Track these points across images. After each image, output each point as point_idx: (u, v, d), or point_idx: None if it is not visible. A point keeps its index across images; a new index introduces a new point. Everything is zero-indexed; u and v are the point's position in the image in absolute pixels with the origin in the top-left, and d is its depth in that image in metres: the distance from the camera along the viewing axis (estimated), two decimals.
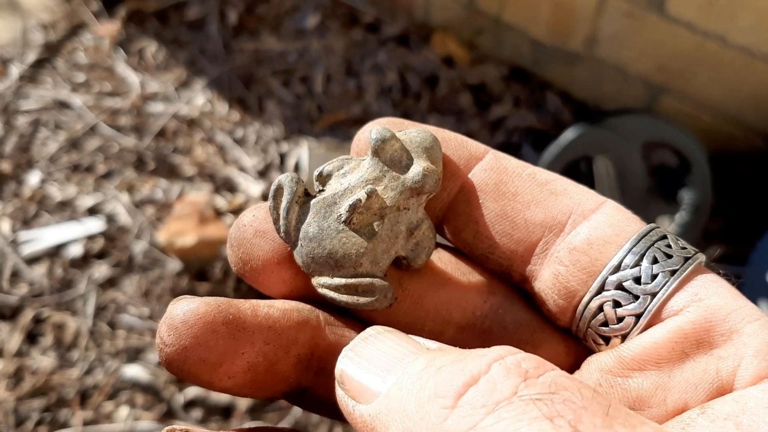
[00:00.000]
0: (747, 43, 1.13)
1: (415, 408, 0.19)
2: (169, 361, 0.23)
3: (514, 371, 0.18)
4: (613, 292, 0.25)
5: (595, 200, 0.26)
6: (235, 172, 1.27)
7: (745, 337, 0.23)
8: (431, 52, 1.45)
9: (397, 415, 0.19)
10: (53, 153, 1.29)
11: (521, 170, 0.26)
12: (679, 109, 1.28)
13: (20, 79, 1.41)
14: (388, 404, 0.20)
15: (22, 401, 1.01)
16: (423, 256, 0.26)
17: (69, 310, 1.10)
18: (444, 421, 0.18)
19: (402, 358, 0.21)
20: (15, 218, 1.20)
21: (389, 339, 0.22)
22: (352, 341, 0.22)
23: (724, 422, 0.21)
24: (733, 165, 1.27)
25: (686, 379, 0.23)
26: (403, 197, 0.26)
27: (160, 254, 1.15)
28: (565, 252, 0.26)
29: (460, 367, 0.19)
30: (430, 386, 0.19)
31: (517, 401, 0.17)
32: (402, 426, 0.19)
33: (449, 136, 0.27)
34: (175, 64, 1.45)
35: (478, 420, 0.17)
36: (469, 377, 0.18)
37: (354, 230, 0.26)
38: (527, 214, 0.26)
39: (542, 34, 1.35)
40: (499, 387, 0.18)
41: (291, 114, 1.37)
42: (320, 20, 1.50)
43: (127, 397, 1.02)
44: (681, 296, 0.24)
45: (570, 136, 1.17)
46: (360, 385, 0.21)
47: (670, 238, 0.25)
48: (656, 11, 1.18)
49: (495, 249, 0.27)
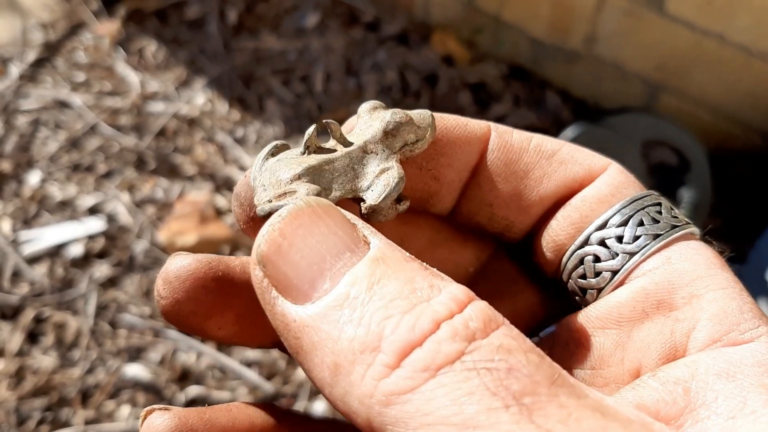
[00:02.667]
0: (745, 42, 1.14)
1: (351, 348, 0.18)
2: (164, 312, 0.24)
3: (461, 333, 0.17)
4: (595, 247, 0.25)
5: (601, 163, 0.27)
6: (235, 171, 1.27)
7: (704, 302, 0.22)
8: (431, 50, 1.45)
9: (328, 343, 0.18)
10: (53, 152, 1.30)
11: (527, 144, 0.26)
12: (678, 108, 1.29)
13: (20, 78, 1.41)
14: (318, 322, 0.18)
15: (23, 401, 1.01)
16: (376, 195, 0.24)
17: (70, 309, 1.10)
18: (383, 378, 0.17)
19: (338, 256, 0.19)
20: (15, 218, 1.20)
21: (324, 222, 0.20)
22: (281, 214, 0.20)
23: (674, 386, 0.21)
24: (732, 163, 1.27)
25: (641, 339, 0.23)
26: (370, 140, 0.25)
27: (160, 254, 1.15)
28: (560, 210, 0.26)
29: (409, 322, 0.17)
30: (373, 331, 0.17)
31: (460, 367, 0.17)
32: (332, 359, 0.18)
33: (449, 119, 0.27)
34: (175, 63, 1.45)
35: (418, 383, 0.17)
36: (417, 337, 0.17)
37: None
38: (540, 190, 0.26)
39: (542, 32, 1.35)
40: (443, 349, 0.17)
41: (291, 113, 1.37)
42: (320, 19, 1.50)
43: (128, 396, 1.02)
44: (654, 259, 0.24)
45: (569, 135, 1.17)
46: (286, 278, 0.19)
47: (664, 205, 0.26)
48: (655, 10, 1.18)
49: (511, 228, 0.27)
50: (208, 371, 1.05)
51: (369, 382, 0.17)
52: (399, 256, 0.19)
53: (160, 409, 0.24)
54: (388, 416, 0.17)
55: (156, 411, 0.24)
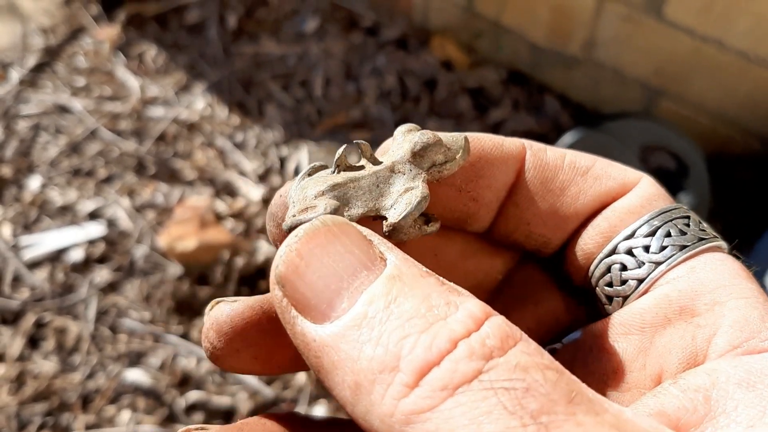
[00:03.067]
0: (744, 48, 1.14)
1: (370, 368, 0.18)
2: (221, 363, 0.24)
3: (478, 351, 0.17)
4: (622, 256, 0.26)
5: (634, 176, 0.27)
6: (235, 176, 1.28)
7: (726, 309, 0.23)
8: (430, 55, 1.46)
9: (347, 363, 0.18)
10: (54, 157, 1.30)
11: (561, 161, 0.27)
12: (677, 113, 1.29)
13: (20, 83, 1.41)
14: (337, 342, 0.18)
15: (24, 405, 1.01)
16: (397, 213, 0.24)
17: (70, 314, 1.10)
18: (403, 398, 0.17)
19: (355, 275, 0.19)
20: (16, 223, 1.20)
21: (340, 241, 0.20)
22: (298, 234, 0.20)
23: (694, 393, 0.21)
24: (730, 168, 1.27)
25: (663, 344, 0.24)
26: (399, 160, 0.25)
27: (160, 258, 1.15)
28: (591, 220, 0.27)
29: (426, 342, 0.18)
30: (391, 351, 0.18)
31: (477, 386, 0.17)
32: (352, 378, 0.18)
33: (485, 139, 0.27)
34: (175, 68, 1.45)
35: (437, 403, 0.17)
36: (436, 355, 0.17)
37: None
38: (577, 206, 0.27)
39: (541, 37, 1.36)
40: (460, 368, 0.17)
41: (291, 118, 1.37)
42: (319, 24, 1.51)
43: (128, 401, 1.03)
44: (680, 268, 0.24)
45: (568, 140, 1.17)
46: (304, 297, 0.19)
47: (693, 218, 0.26)
48: (654, 15, 1.19)
49: (548, 245, 0.28)
50: (208, 376, 1.05)
51: (389, 402, 0.17)
52: (415, 272, 0.20)
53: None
54: None
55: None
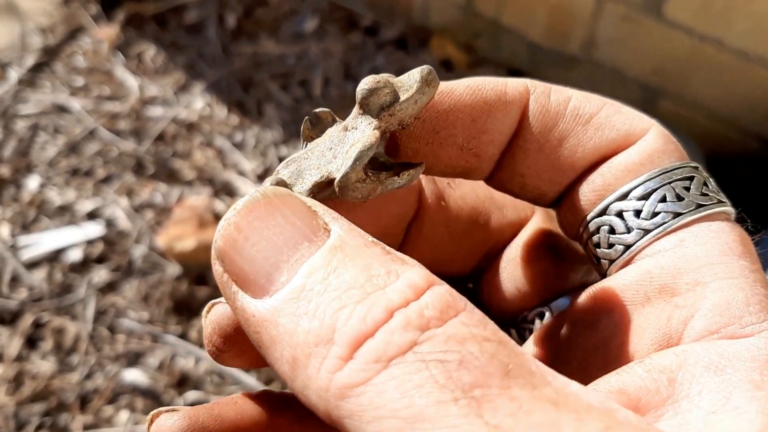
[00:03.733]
0: (743, 47, 1.14)
1: (306, 341, 0.17)
2: (228, 362, 0.24)
3: (414, 322, 0.17)
4: (612, 218, 0.24)
5: (641, 127, 0.25)
6: (234, 176, 1.28)
7: (708, 291, 0.21)
8: (429, 55, 1.46)
9: (285, 337, 0.18)
10: (52, 157, 1.30)
11: (563, 108, 0.25)
12: (676, 112, 1.29)
13: (19, 83, 1.41)
14: (275, 316, 0.18)
15: (22, 406, 1.01)
16: (340, 168, 0.22)
17: (69, 314, 1.10)
18: (337, 371, 0.17)
19: (295, 247, 0.18)
20: (14, 223, 1.20)
21: (280, 213, 0.19)
22: (236, 207, 0.19)
23: (659, 374, 0.20)
24: (729, 167, 1.27)
25: (638, 323, 0.22)
26: (350, 116, 0.23)
27: (159, 258, 1.15)
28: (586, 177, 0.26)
29: (361, 312, 0.17)
30: (327, 324, 0.17)
31: (411, 358, 0.16)
32: (290, 353, 0.17)
33: (486, 86, 0.24)
34: (173, 67, 1.45)
35: (370, 375, 0.16)
36: (370, 326, 0.17)
37: None
38: (574, 159, 0.25)
39: (540, 37, 1.36)
40: (395, 339, 0.16)
41: (290, 117, 1.37)
42: (318, 24, 1.51)
43: (127, 401, 1.02)
44: (668, 240, 0.23)
45: None
46: (243, 272, 0.19)
47: (696, 181, 0.24)
48: (653, 15, 1.19)
49: (543, 197, 0.26)
50: (206, 376, 1.05)
51: (324, 375, 0.17)
52: (359, 242, 0.19)
53: (168, 411, 0.24)
54: (344, 409, 0.16)
55: (164, 413, 0.24)
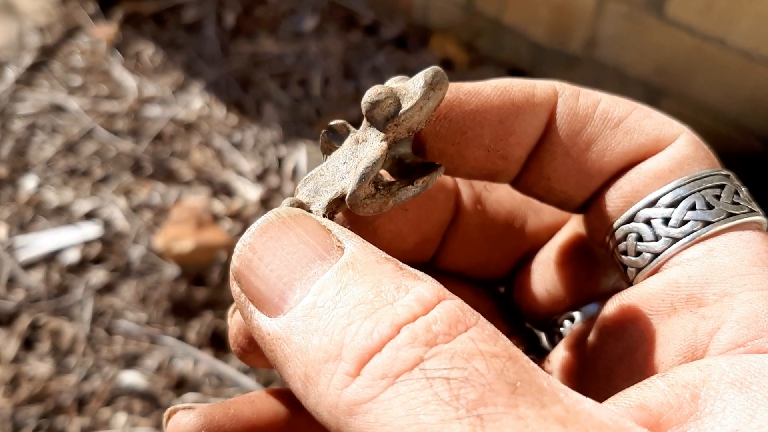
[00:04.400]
0: (746, 47, 1.13)
1: (316, 358, 0.17)
2: (253, 362, 0.25)
3: (421, 337, 0.16)
4: (640, 225, 0.24)
5: (671, 133, 0.24)
6: (233, 176, 1.27)
7: (736, 302, 0.20)
8: (430, 54, 1.45)
9: (298, 354, 0.18)
10: (50, 157, 1.29)
11: (592, 111, 0.24)
12: (678, 112, 1.28)
13: (16, 82, 1.40)
14: (289, 334, 0.18)
15: (19, 408, 1.00)
16: (349, 184, 0.21)
17: (66, 316, 1.09)
18: (345, 387, 0.16)
19: (308, 266, 0.19)
20: (11, 223, 1.19)
21: (294, 233, 0.19)
22: (251, 229, 0.20)
23: (682, 390, 0.19)
24: (731, 168, 1.26)
25: (663, 334, 0.22)
26: (362, 127, 0.22)
27: (157, 259, 1.14)
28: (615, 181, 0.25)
29: (368, 328, 0.17)
30: (335, 340, 0.17)
31: (417, 375, 0.16)
32: (302, 370, 0.18)
33: (514, 88, 0.24)
34: (172, 67, 1.44)
35: (377, 392, 0.16)
36: (377, 342, 0.17)
37: None
38: (602, 164, 0.24)
39: (541, 36, 1.35)
40: (401, 355, 0.16)
41: (289, 117, 1.36)
42: (318, 23, 1.50)
43: (124, 403, 1.02)
44: (697, 248, 0.22)
45: None
46: (258, 292, 0.19)
47: (727, 189, 0.23)
48: (655, 14, 1.18)
49: (569, 201, 0.26)
50: (204, 378, 1.04)
51: (333, 392, 0.17)
52: (371, 258, 0.19)
53: (184, 409, 0.24)
54: (353, 426, 0.16)
55: (180, 410, 0.24)
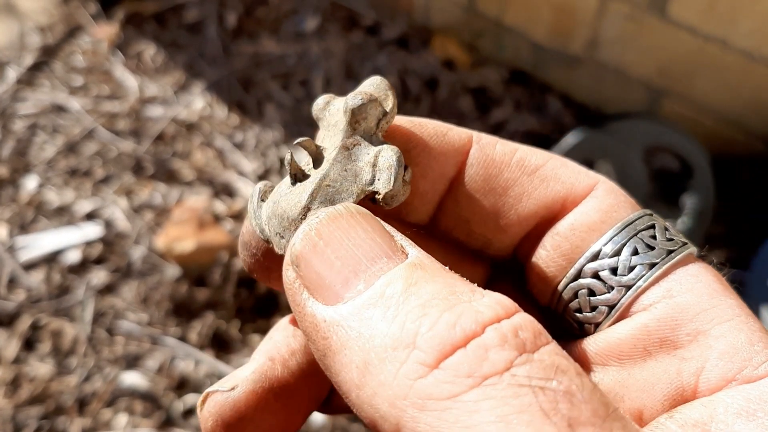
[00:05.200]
0: (748, 47, 1.13)
1: (383, 345, 0.17)
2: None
3: (510, 341, 0.16)
4: (589, 280, 0.24)
5: (587, 182, 0.25)
6: (234, 176, 1.26)
7: (711, 339, 0.21)
8: (431, 55, 1.45)
9: (357, 342, 0.17)
10: (51, 157, 1.29)
11: (509, 158, 0.25)
12: (681, 113, 1.28)
13: (17, 82, 1.40)
14: (349, 321, 0.17)
15: (20, 409, 1.00)
16: (385, 182, 0.22)
17: (67, 316, 1.09)
18: (418, 379, 0.16)
19: (374, 261, 0.19)
20: (12, 224, 1.19)
21: (362, 228, 0.19)
22: (318, 216, 0.20)
23: (693, 428, 0.19)
24: (734, 169, 1.26)
25: (645, 378, 0.22)
26: (345, 135, 0.23)
27: (158, 260, 1.14)
28: (549, 237, 0.25)
29: (449, 320, 0.16)
30: (408, 328, 0.16)
31: (509, 380, 0.15)
32: (360, 357, 0.17)
33: (429, 127, 0.25)
34: (173, 67, 1.44)
35: (459, 391, 0.15)
36: (459, 338, 0.16)
37: (303, 185, 0.23)
38: (519, 209, 0.25)
39: (543, 36, 1.35)
40: (491, 357, 0.16)
41: (290, 118, 1.36)
42: (319, 23, 1.50)
43: (125, 404, 1.01)
44: (654, 291, 0.23)
45: (571, 140, 1.16)
46: (319, 277, 0.19)
47: (658, 227, 0.24)
48: (657, 14, 1.17)
49: (489, 245, 0.26)
50: (206, 379, 1.03)
51: (402, 382, 0.16)
52: (437, 266, 0.19)
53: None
54: (423, 422, 0.15)
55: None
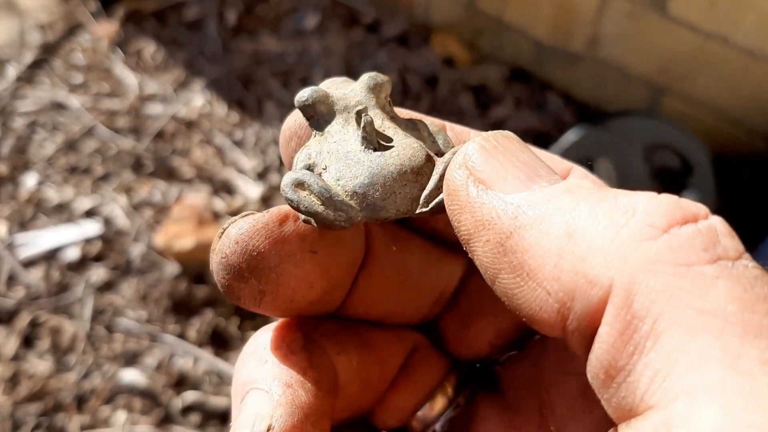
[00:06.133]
0: (749, 45, 1.12)
1: (593, 213, 0.16)
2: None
3: (730, 233, 0.16)
4: None
5: (562, 166, 0.25)
6: (234, 174, 1.26)
7: None
8: (431, 52, 1.44)
9: (556, 216, 0.17)
10: (50, 155, 1.29)
11: None
12: (681, 111, 1.27)
13: (17, 80, 1.40)
14: (544, 201, 0.17)
15: (18, 406, 1.00)
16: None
17: (66, 313, 1.09)
18: (646, 240, 0.15)
19: (548, 174, 0.19)
20: (11, 221, 1.19)
21: (530, 151, 0.20)
22: (494, 132, 0.20)
23: None
24: (735, 167, 1.26)
25: None
26: (381, 108, 0.24)
27: (158, 257, 1.14)
28: None
29: (665, 201, 0.16)
30: (623, 200, 0.16)
31: (743, 270, 0.15)
32: (562, 228, 0.16)
33: None
34: (173, 64, 1.44)
35: (695, 261, 0.15)
36: (688, 213, 0.16)
37: None
38: None
39: (543, 34, 1.34)
40: (723, 242, 0.15)
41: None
42: (320, 21, 1.49)
43: (124, 401, 1.01)
44: None
45: (571, 138, 1.16)
46: (499, 174, 0.19)
47: None
48: (658, 12, 1.17)
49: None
50: (204, 377, 1.03)
51: (624, 244, 0.15)
52: None
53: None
54: (650, 285, 0.15)
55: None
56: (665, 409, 0.14)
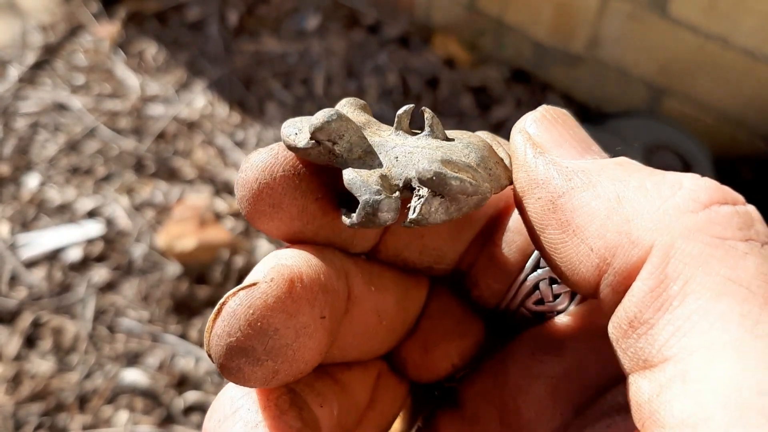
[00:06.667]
0: (750, 46, 1.13)
1: (641, 182, 0.18)
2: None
3: (762, 221, 0.17)
4: (548, 269, 0.23)
5: None
6: (235, 174, 1.27)
7: None
8: (432, 53, 1.45)
9: (608, 183, 0.18)
10: (52, 155, 1.29)
11: None
12: (682, 112, 1.28)
13: (19, 81, 1.40)
14: (597, 169, 0.19)
15: (20, 405, 1.00)
16: None
17: (68, 314, 1.09)
18: (686, 213, 0.17)
19: (600, 152, 0.21)
20: (14, 221, 1.19)
21: (584, 130, 0.22)
22: (547, 107, 0.22)
23: None
24: (735, 168, 1.26)
25: None
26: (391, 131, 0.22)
27: (159, 258, 1.14)
28: (499, 235, 0.24)
29: (709, 179, 0.18)
30: (670, 177, 0.18)
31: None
32: (613, 192, 0.18)
33: None
34: (175, 65, 1.44)
35: (729, 236, 0.16)
36: (728, 196, 0.17)
37: None
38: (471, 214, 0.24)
39: (544, 35, 1.35)
40: (756, 227, 0.17)
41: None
42: (321, 22, 1.50)
43: (126, 401, 1.02)
44: None
45: None
46: (557, 142, 0.21)
47: None
48: (658, 13, 1.17)
49: (442, 258, 0.25)
50: (206, 376, 1.04)
51: (669, 212, 0.17)
52: None
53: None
54: (686, 249, 0.16)
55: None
56: (682, 361, 0.15)
